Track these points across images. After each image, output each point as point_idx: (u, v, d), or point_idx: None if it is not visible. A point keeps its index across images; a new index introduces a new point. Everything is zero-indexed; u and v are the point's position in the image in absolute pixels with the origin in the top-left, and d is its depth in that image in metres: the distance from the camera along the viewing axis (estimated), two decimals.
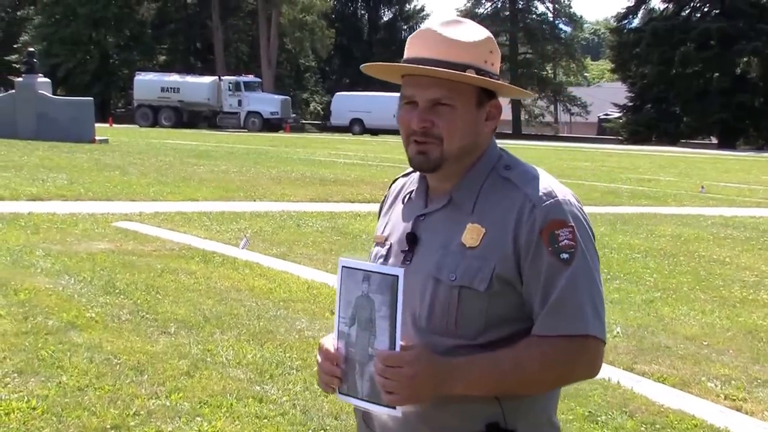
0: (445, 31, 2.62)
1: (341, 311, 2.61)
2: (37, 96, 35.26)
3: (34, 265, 11.00)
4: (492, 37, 2.66)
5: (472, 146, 2.66)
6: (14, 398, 6.41)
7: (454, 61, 2.58)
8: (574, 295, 2.49)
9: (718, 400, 7.34)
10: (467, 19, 2.77)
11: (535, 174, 2.64)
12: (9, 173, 21.29)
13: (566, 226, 2.52)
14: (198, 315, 8.98)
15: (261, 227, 15.05)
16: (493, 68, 2.63)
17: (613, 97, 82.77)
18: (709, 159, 47.12)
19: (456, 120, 2.60)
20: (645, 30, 76.80)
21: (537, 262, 2.51)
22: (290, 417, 6.38)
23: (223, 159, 30.23)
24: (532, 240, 2.51)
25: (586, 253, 2.54)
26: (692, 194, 25.22)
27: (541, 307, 2.51)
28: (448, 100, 2.60)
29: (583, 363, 2.54)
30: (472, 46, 2.60)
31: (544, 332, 2.50)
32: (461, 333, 2.56)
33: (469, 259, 2.56)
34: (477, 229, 2.58)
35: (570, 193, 2.63)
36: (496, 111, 2.68)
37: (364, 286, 2.53)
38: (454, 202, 2.67)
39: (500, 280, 2.53)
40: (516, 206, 2.55)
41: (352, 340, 2.57)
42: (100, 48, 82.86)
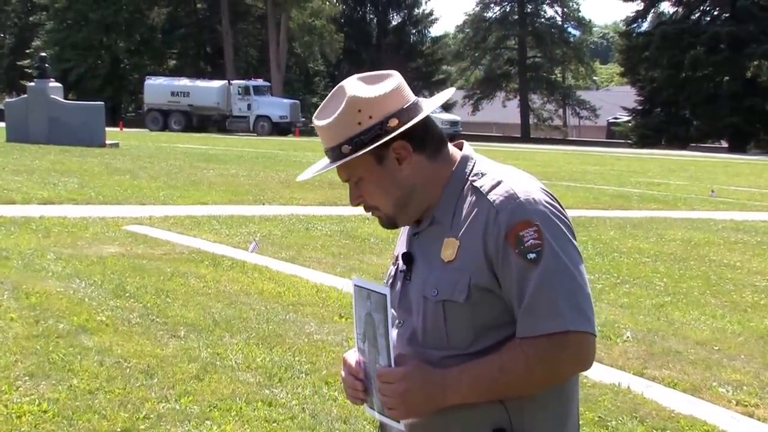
0: (318, 118, 2.73)
1: (357, 328, 2.73)
2: (49, 100, 35.32)
3: (45, 268, 11.02)
4: (354, 96, 2.64)
5: (407, 192, 2.72)
6: (25, 401, 6.43)
7: (331, 146, 2.71)
8: (547, 292, 2.50)
9: (729, 405, 7.32)
10: (340, 84, 2.76)
11: (500, 179, 2.66)
12: (21, 177, 21.36)
13: (531, 225, 2.53)
14: (207, 318, 8.99)
15: (270, 231, 15.06)
16: (371, 121, 2.64)
17: (622, 100, 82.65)
18: (719, 163, 47.02)
19: (371, 188, 2.74)
20: (654, 33, 76.60)
21: (507, 266, 2.54)
22: (299, 420, 6.38)
23: (232, 163, 30.26)
24: (499, 245, 2.54)
25: (557, 249, 2.54)
26: (702, 198, 25.17)
27: (518, 309, 2.54)
28: (354, 177, 2.76)
29: (567, 359, 2.54)
30: (336, 123, 2.66)
31: (523, 333, 2.52)
32: (453, 345, 2.62)
33: (448, 273, 2.61)
34: (452, 243, 2.63)
35: (538, 190, 2.63)
36: (403, 150, 2.68)
37: (368, 304, 2.64)
38: (436, 219, 2.72)
39: (478, 289, 2.57)
40: (483, 214, 2.59)
41: (366, 356, 2.70)
42: (110, 53, 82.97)
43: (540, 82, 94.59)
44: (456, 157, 2.77)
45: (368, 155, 2.66)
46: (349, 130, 2.64)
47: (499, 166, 2.75)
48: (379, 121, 2.64)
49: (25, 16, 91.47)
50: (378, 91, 2.67)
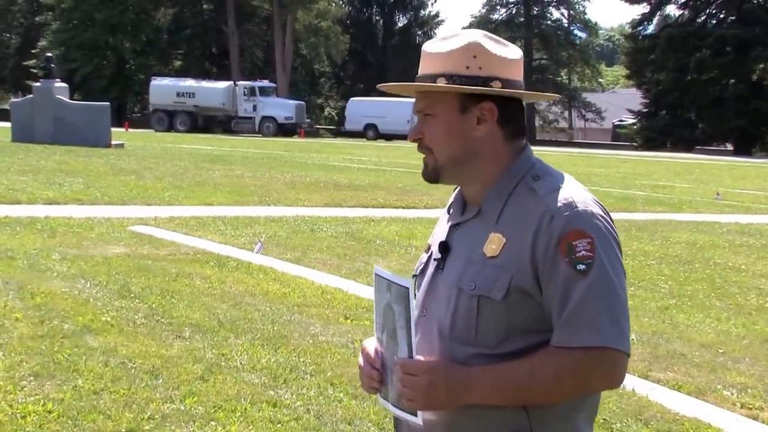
0: (428, 47, 2.71)
1: (377, 318, 2.70)
2: (55, 101, 35.39)
3: (51, 268, 11.03)
4: (478, 43, 2.65)
5: (466, 152, 2.68)
6: (30, 401, 6.43)
7: (428, 73, 2.66)
8: (590, 306, 2.47)
9: (734, 408, 7.32)
10: (468, 30, 2.77)
11: (559, 184, 2.62)
12: (26, 177, 21.38)
13: (585, 236, 2.49)
14: (212, 319, 8.99)
15: (275, 232, 15.06)
16: (480, 72, 2.63)
17: (627, 103, 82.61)
18: (724, 166, 47.00)
19: (437, 128, 2.68)
20: (660, 36, 76.55)
21: (554, 273, 2.50)
22: (304, 422, 6.38)
23: (237, 164, 30.28)
24: (549, 250, 2.50)
25: (606, 265, 2.50)
26: (707, 201, 25.15)
27: (557, 318, 2.50)
28: (429, 110, 2.70)
29: (600, 375, 2.51)
30: (447, 55, 2.64)
31: (559, 343, 2.49)
32: (481, 342, 2.57)
33: (488, 269, 2.57)
34: (498, 239, 2.58)
35: (594, 203, 2.61)
36: (488, 113, 2.66)
37: (387, 295, 2.60)
38: (482, 212, 2.68)
39: (518, 291, 2.53)
40: (536, 216, 2.54)
41: (384, 347, 2.66)
42: (116, 53, 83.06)
43: (546, 84, 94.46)
44: (520, 153, 2.73)
45: (454, 98, 2.65)
46: (454, 67, 2.63)
47: (557, 172, 2.72)
48: (486, 76, 2.63)
49: (31, 16, 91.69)
50: (500, 51, 2.67)
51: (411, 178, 27.81)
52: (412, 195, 22.14)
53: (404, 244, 14.49)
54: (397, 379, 2.55)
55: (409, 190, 23.38)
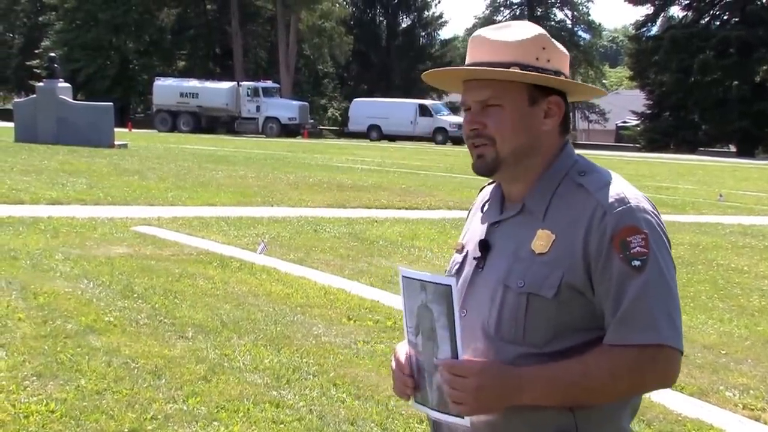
0: (492, 35, 2.65)
1: (407, 320, 2.61)
2: (58, 101, 35.39)
3: (54, 268, 11.04)
4: (545, 35, 2.64)
5: (530, 146, 2.63)
6: (33, 401, 6.44)
7: (497, 60, 2.59)
8: (647, 303, 2.44)
9: (736, 409, 7.32)
10: (523, 21, 2.77)
11: (608, 179, 2.60)
12: (29, 177, 21.39)
13: (639, 232, 2.47)
14: (215, 320, 9.00)
15: (278, 232, 15.07)
16: (548, 65, 2.61)
17: (631, 104, 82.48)
18: (727, 167, 46.95)
19: (505, 119, 2.60)
20: (664, 37, 76.44)
21: (608, 270, 2.47)
22: (307, 422, 6.39)
23: (241, 164, 30.29)
24: (602, 247, 2.47)
25: (660, 261, 2.48)
26: (711, 202, 25.13)
27: (612, 316, 2.47)
28: (495, 100, 2.60)
29: (656, 373, 2.50)
30: (519, 44, 2.60)
31: (615, 341, 2.46)
32: (529, 341, 2.53)
33: (537, 266, 2.53)
34: (547, 236, 2.55)
35: (645, 199, 2.58)
36: (556, 107, 2.65)
37: (423, 295, 2.51)
38: (526, 208, 2.65)
39: (569, 288, 2.50)
40: (587, 213, 2.52)
41: (419, 350, 2.57)
42: (120, 53, 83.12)
43: None
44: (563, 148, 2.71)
45: (524, 90, 2.61)
46: (524, 57, 2.59)
47: (601, 167, 2.69)
48: (554, 69, 2.63)
49: (35, 16, 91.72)
50: (560, 46, 2.67)
51: (414, 179, 27.82)
52: (415, 196, 22.14)
53: (407, 244, 14.49)
54: (442, 381, 2.48)
55: (413, 191, 23.39)
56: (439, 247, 14.42)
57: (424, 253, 13.79)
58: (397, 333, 8.89)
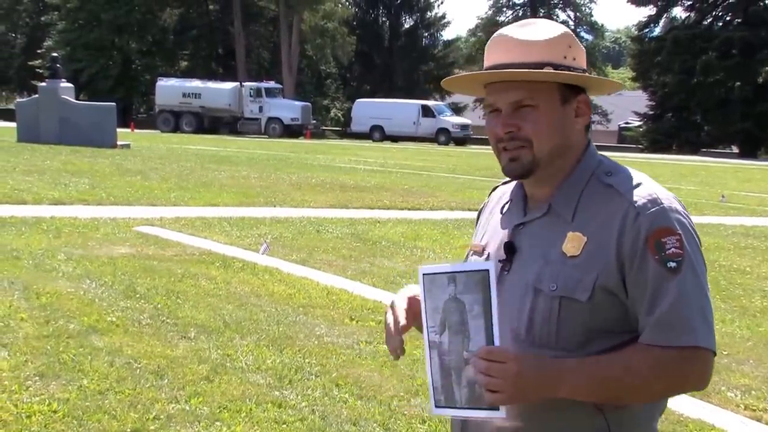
0: (517, 34, 2.58)
1: (429, 320, 2.53)
2: (60, 101, 35.41)
3: (56, 269, 11.05)
4: (569, 33, 2.59)
5: (563, 146, 2.59)
6: (35, 401, 6.44)
7: (529, 60, 2.53)
8: (683, 305, 2.42)
9: (738, 410, 7.32)
10: (541, 19, 2.72)
11: (638, 180, 2.57)
12: (32, 177, 21.40)
13: (673, 233, 2.46)
14: (218, 320, 9.00)
15: (281, 233, 15.07)
16: (575, 63, 2.56)
17: (633, 105, 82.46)
18: (730, 168, 46.95)
19: (541, 120, 2.55)
20: (666, 38, 76.50)
21: (643, 272, 2.44)
22: (309, 422, 6.39)
23: (243, 165, 30.30)
24: (637, 248, 2.44)
25: (694, 262, 2.47)
26: (713, 203, 25.11)
27: (647, 318, 2.44)
28: (529, 101, 2.54)
29: (694, 375, 2.46)
30: (547, 43, 2.55)
31: (652, 341, 2.43)
32: (562, 345, 2.49)
33: (570, 269, 2.49)
34: (578, 238, 2.51)
35: (675, 199, 2.58)
36: (585, 106, 2.62)
37: (451, 288, 2.46)
38: (553, 210, 2.60)
39: (603, 291, 2.46)
40: (619, 214, 2.48)
41: (445, 348, 2.49)
42: (122, 53, 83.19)
43: None
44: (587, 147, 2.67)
45: (556, 90, 2.56)
46: (554, 56, 2.54)
47: (626, 167, 2.64)
48: (580, 67, 2.59)
49: (37, 16, 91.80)
50: (580, 44, 2.63)
51: (417, 179, 27.82)
52: (417, 196, 22.15)
53: (410, 245, 14.49)
54: (476, 371, 2.38)
55: (415, 192, 23.40)
56: (442, 247, 14.43)
57: (426, 253, 13.79)
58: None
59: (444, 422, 6.43)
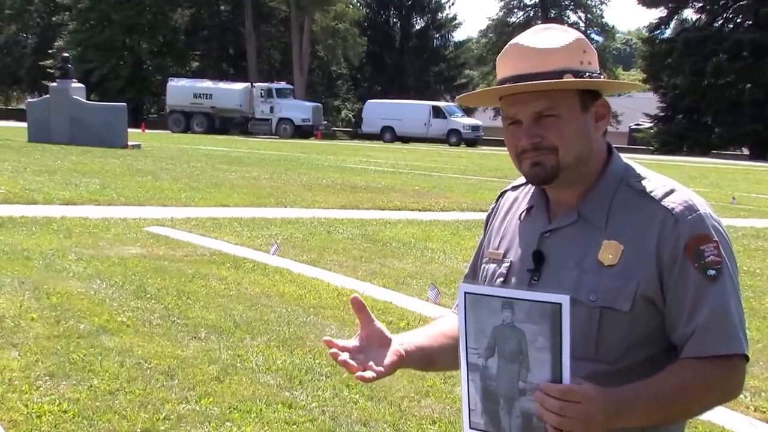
0: (532, 42, 2.52)
1: (470, 341, 2.38)
2: (71, 101, 35.49)
3: (67, 269, 11.07)
4: (582, 37, 2.54)
5: (588, 152, 2.54)
6: (46, 401, 6.45)
7: (548, 70, 2.47)
8: (726, 313, 2.39)
9: (747, 411, 7.30)
10: (552, 24, 2.68)
11: (672, 186, 2.53)
12: (43, 177, 21.44)
13: (711, 241, 2.43)
14: (228, 320, 9.01)
15: (291, 234, 15.07)
16: (590, 67, 2.51)
17: (644, 107, 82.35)
18: (740, 170, 46.84)
19: (565, 129, 2.48)
20: (677, 40, 76.37)
21: (682, 280, 2.41)
22: (319, 423, 6.39)
23: (254, 165, 30.32)
24: (676, 256, 2.41)
25: (731, 269, 2.44)
26: (723, 205, 25.01)
27: (687, 326, 2.41)
28: (551, 111, 2.48)
29: (738, 383, 2.44)
30: (563, 50, 2.49)
31: (700, 353, 2.38)
32: (602, 357, 2.44)
33: (608, 279, 2.44)
34: (615, 246, 2.46)
35: (708, 205, 2.53)
36: (605, 110, 2.57)
37: (507, 314, 2.29)
38: (583, 217, 2.54)
39: (643, 299, 2.42)
40: (656, 221, 2.44)
41: (491, 373, 2.35)
42: (133, 54, 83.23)
43: None
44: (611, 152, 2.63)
45: (576, 96, 2.49)
46: (571, 62, 2.48)
47: (654, 172, 2.61)
48: (596, 71, 2.53)
49: (48, 16, 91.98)
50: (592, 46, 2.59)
51: (427, 180, 27.81)
52: (428, 197, 22.14)
53: (420, 246, 14.48)
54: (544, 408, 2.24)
55: (426, 193, 23.38)
56: (452, 248, 14.41)
57: (437, 255, 13.78)
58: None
59: (454, 423, 6.43)
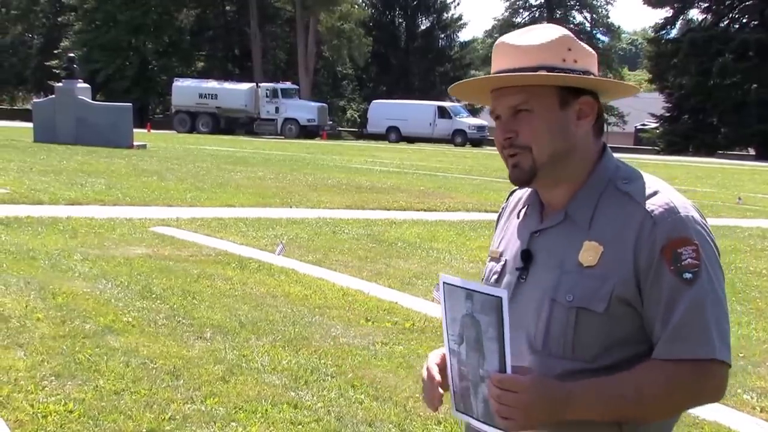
0: (515, 40, 2.57)
1: (449, 328, 2.51)
2: (77, 101, 35.53)
3: (72, 269, 11.08)
4: (570, 36, 2.56)
5: (567, 150, 2.55)
6: (51, 401, 6.46)
7: (524, 65, 2.51)
8: (699, 316, 2.39)
9: (754, 412, 7.30)
10: (545, 24, 2.70)
11: (655, 188, 2.51)
12: (48, 177, 21.47)
13: (690, 243, 2.41)
14: (234, 320, 9.02)
15: (297, 234, 15.08)
16: (575, 65, 2.53)
17: (650, 107, 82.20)
18: (746, 170, 46.78)
19: (538, 124, 2.52)
20: (683, 40, 76.20)
21: (658, 282, 2.40)
22: (325, 423, 6.39)
23: (259, 165, 30.33)
24: (653, 258, 2.40)
25: (711, 273, 2.43)
26: (729, 206, 25.03)
27: (662, 329, 2.41)
28: (525, 106, 2.53)
29: (709, 389, 2.44)
30: (543, 47, 2.53)
31: (667, 356, 2.40)
32: (578, 356, 2.46)
33: (586, 279, 2.46)
34: (594, 248, 2.47)
35: (693, 208, 2.51)
36: (588, 108, 2.56)
37: (468, 305, 2.41)
38: (569, 218, 2.57)
39: (619, 301, 2.43)
40: (636, 223, 2.44)
41: (463, 359, 2.48)
42: (139, 54, 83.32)
43: None
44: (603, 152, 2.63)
45: (554, 93, 2.52)
46: (552, 59, 2.52)
47: (645, 173, 2.60)
48: (582, 69, 2.55)
49: (54, 17, 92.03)
50: (587, 47, 2.61)
51: (433, 180, 27.80)
52: (433, 197, 22.13)
53: (426, 246, 14.48)
54: (489, 395, 2.39)
55: (431, 193, 23.38)
56: (458, 249, 14.41)
57: (442, 255, 13.78)
58: (415, 334, 8.90)
59: (458, 424, 6.43)
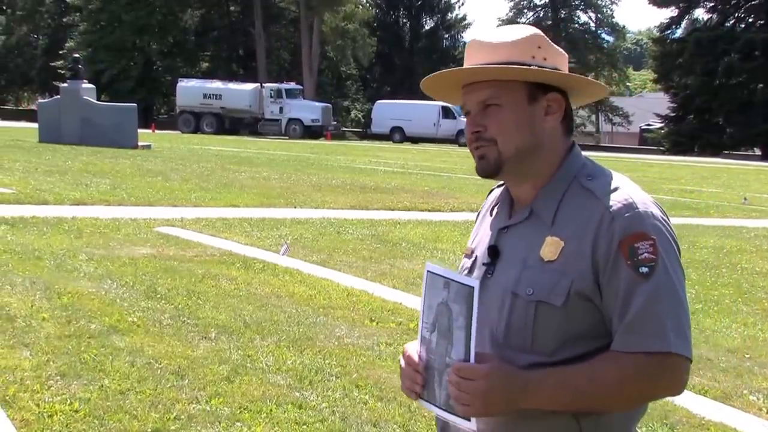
0: (486, 37, 2.62)
1: (424, 316, 2.56)
2: (82, 102, 35.58)
3: (77, 269, 11.08)
4: (540, 35, 2.60)
5: (533, 145, 2.59)
6: (57, 401, 6.46)
7: (494, 61, 2.56)
8: (655, 310, 2.40)
9: (760, 413, 7.29)
10: (519, 24, 2.74)
11: (616, 184, 2.55)
12: (53, 178, 21.48)
13: (647, 238, 2.43)
14: (238, 321, 9.01)
15: (301, 234, 15.08)
16: (545, 63, 2.57)
17: (655, 107, 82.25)
18: (752, 170, 46.76)
19: (505, 118, 2.57)
20: (688, 40, 76.21)
21: (615, 277, 2.43)
22: (329, 423, 6.39)
23: (264, 166, 30.34)
24: (610, 253, 2.43)
25: (669, 267, 2.44)
26: (735, 206, 25.02)
27: (619, 322, 2.43)
28: (493, 100, 2.57)
29: (664, 381, 2.43)
30: (513, 44, 2.57)
31: (622, 348, 2.42)
32: (538, 349, 2.50)
33: (547, 274, 2.50)
34: (555, 243, 2.51)
35: (653, 204, 2.54)
36: (556, 104, 2.61)
37: (444, 293, 2.48)
38: (534, 214, 2.61)
39: (578, 296, 2.46)
40: (595, 218, 2.48)
41: (432, 347, 2.53)
42: (143, 54, 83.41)
43: None
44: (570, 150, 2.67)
45: (523, 88, 2.57)
46: (522, 56, 2.56)
47: (610, 171, 2.64)
48: (551, 66, 2.59)
49: (59, 17, 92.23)
50: (557, 47, 2.65)
51: (437, 181, 27.81)
52: (438, 198, 22.14)
53: (430, 247, 14.48)
54: (449, 381, 2.45)
55: (435, 193, 23.39)
56: (462, 249, 14.29)
57: (446, 255, 13.76)
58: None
59: None
